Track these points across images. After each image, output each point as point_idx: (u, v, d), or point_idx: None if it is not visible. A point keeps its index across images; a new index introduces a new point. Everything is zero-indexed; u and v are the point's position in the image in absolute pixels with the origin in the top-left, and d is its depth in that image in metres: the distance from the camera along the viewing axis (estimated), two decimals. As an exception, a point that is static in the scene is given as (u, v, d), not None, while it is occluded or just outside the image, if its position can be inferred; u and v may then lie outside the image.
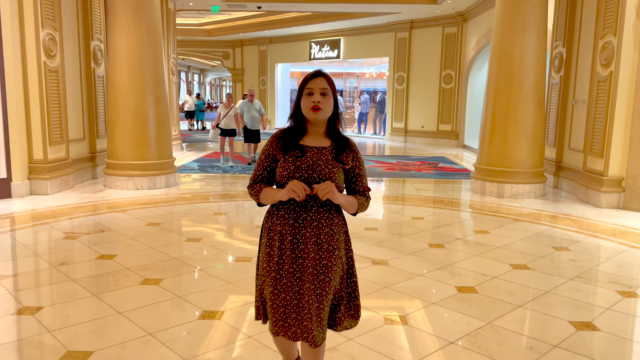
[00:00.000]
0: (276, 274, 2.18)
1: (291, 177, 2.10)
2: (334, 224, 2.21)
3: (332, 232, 2.20)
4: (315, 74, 2.17)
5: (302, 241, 2.16)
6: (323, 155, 2.15)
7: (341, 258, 2.24)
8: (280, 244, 2.17)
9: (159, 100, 8.11)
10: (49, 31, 7.35)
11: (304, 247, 2.16)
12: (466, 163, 11.80)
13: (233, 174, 9.88)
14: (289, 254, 2.16)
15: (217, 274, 4.33)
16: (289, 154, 2.15)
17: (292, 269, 2.16)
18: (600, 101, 7.28)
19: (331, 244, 2.19)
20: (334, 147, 2.19)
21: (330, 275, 2.18)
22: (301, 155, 2.13)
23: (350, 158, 2.20)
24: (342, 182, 2.19)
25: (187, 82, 31.28)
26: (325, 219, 2.18)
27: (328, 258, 2.18)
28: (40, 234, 5.55)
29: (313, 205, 2.15)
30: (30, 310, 3.51)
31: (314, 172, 2.12)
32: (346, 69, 23.90)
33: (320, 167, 2.13)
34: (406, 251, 5.03)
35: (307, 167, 2.12)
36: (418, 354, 3.00)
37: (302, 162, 2.12)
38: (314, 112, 2.11)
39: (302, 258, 2.16)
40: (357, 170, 2.23)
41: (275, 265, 2.18)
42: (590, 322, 3.46)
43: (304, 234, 2.15)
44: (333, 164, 2.15)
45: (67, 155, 7.97)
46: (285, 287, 2.17)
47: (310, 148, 2.16)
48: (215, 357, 2.93)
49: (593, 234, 5.78)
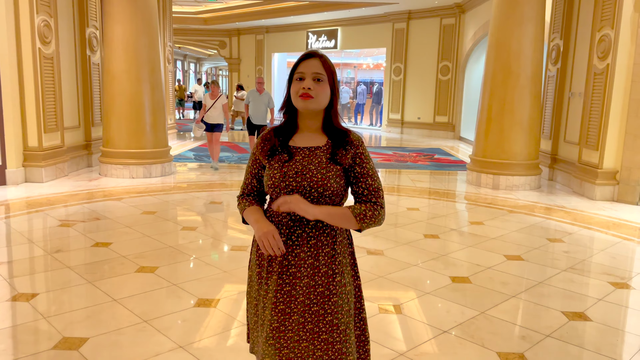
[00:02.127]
0: (258, 302, 1.80)
1: (276, 187, 1.70)
2: (337, 242, 1.75)
3: (335, 252, 1.74)
4: (308, 55, 1.74)
5: (293, 263, 1.71)
6: (316, 157, 1.73)
7: (345, 286, 1.75)
8: (268, 265, 1.75)
9: (154, 89, 8.07)
10: (44, 17, 7.28)
11: (295, 270, 1.71)
12: (462, 155, 11.82)
13: (230, 163, 9.85)
14: (275, 278, 1.73)
15: (212, 263, 4.34)
16: (274, 158, 1.74)
17: (275, 299, 1.72)
18: (596, 94, 7.29)
19: (331, 267, 1.73)
20: (330, 145, 1.75)
21: (326, 308, 1.71)
22: (289, 159, 1.73)
23: (350, 155, 1.73)
24: (342, 188, 1.73)
25: (183, 71, 31.09)
26: (326, 236, 1.73)
27: (326, 285, 1.71)
28: (35, 222, 5.54)
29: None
30: (25, 297, 3.51)
31: (303, 179, 1.69)
32: (343, 59, 23.84)
33: (311, 172, 1.69)
34: (401, 241, 5.05)
35: (294, 173, 1.70)
36: (412, 342, 3.02)
37: (290, 167, 1.71)
38: (303, 100, 1.70)
39: (289, 285, 1.71)
40: (357, 168, 1.73)
41: (263, 290, 1.78)
42: (583, 313, 3.49)
43: (297, 254, 1.71)
44: (328, 167, 1.71)
45: (62, 143, 7.93)
46: (265, 320, 1.75)
47: (300, 149, 1.75)
48: (210, 344, 2.95)
49: (587, 226, 5.82)
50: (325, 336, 1.71)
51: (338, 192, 1.71)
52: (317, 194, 1.69)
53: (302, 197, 1.67)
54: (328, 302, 1.71)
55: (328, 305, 1.71)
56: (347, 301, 1.75)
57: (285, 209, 1.65)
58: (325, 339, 1.71)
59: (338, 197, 1.73)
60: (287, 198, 1.64)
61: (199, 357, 2.78)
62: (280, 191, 1.70)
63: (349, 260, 1.80)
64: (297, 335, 1.71)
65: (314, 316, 1.71)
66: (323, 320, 1.71)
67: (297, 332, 1.71)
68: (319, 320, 1.71)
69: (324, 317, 1.71)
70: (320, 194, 1.69)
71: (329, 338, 1.71)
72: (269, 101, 9.36)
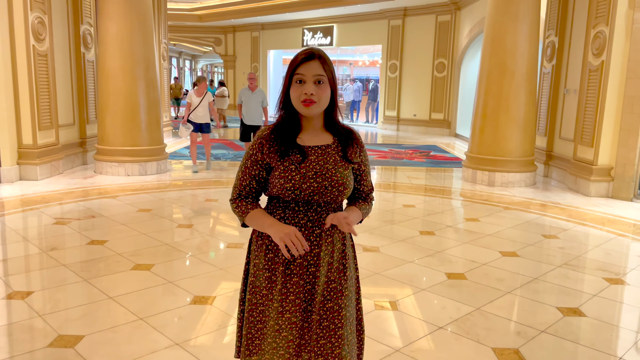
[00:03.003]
0: (279, 305, 1.72)
1: (297, 188, 1.66)
2: (346, 237, 1.82)
3: (344, 247, 1.79)
4: (308, 57, 1.69)
5: (313, 263, 1.72)
6: (329, 156, 1.73)
7: (351, 279, 1.82)
8: (285, 268, 1.72)
9: (149, 86, 8.04)
10: (38, 14, 7.24)
11: (314, 270, 1.72)
12: (458, 152, 11.84)
13: (226, 160, 9.84)
14: (296, 280, 1.71)
15: (208, 260, 4.34)
16: (287, 159, 1.69)
17: (298, 300, 1.71)
18: (591, 91, 7.32)
19: (342, 262, 1.77)
20: (338, 142, 1.77)
21: (340, 303, 1.74)
22: (303, 159, 1.70)
23: (357, 153, 1.79)
24: (353, 185, 1.78)
25: (178, 68, 30.99)
26: (338, 233, 1.77)
27: (338, 280, 1.75)
28: (30, 220, 5.51)
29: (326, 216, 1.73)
30: (20, 295, 3.50)
31: (324, 179, 1.68)
32: (339, 56, 23.81)
33: (330, 171, 1.70)
34: (397, 238, 5.06)
35: (314, 174, 1.68)
36: (408, 339, 3.03)
37: (307, 168, 1.68)
38: (305, 107, 1.68)
39: (310, 284, 1.72)
40: (362, 167, 1.81)
41: (278, 294, 1.72)
42: (577, 308, 3.51)
43: (317, 253, 1.72)
44: (343, 165, 1.73)
45: (57, 141, 7.90)
46: (288, 323, 1.72)
47: (312, 148, 1.72)
48: (206, 342, 2.95)
49: (582, 222, 5.84)
50: (341, 332, 1.73)
51: (351, 188, 1.76)
52: (337, 192, 1.71)
53: (343, 211, 1.74)
54: (341, 297, 1.74)
55: (342, 300, 1.74)
56: (351, 292, 1.80)
57: (347, 229, 1.66)
58: (342, 334, 1.72)
59: (350, 193, 1.77)
60: (338, 216, 1.66)
61: (195, 355, 2.78)
62: (301, 192, 1.67)
63: (352, 253, 1.85)
64: (315, 334, 1.72)
65: (329, 312, 1.72)
66: (338, 315, 1.72)
67: (315, 331, 1.72)
68: (334, 316, 1.72)
69: (338, 312, 1.73)
70: (340, 192, 1.71)
71: (344, 333, 1.74)
72: (263, 100, 8.57)
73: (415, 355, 2.84)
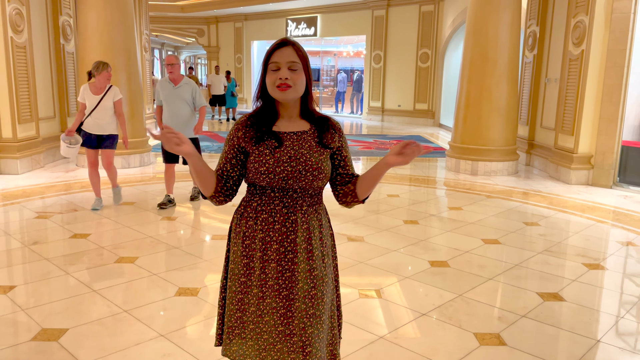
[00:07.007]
0: (258, 290, 1.74)
1: (270, 172, 1.69)
2: (323, 225, 1.83)
3: (322, 235, 1.81)
4: (281, 43, 1.72)
5: (290, 249, 1.73)
6: (305, 142, 1.75)
7: (330, 267, 1.84)
8: (263, 254, 1.74)
9: (131, 78, 7.95)
10: (15, 5, 7.10)
11: (292, 256, 1.73)
12: (442, 142, 11.92)
13: (210, 152, 9.79)
14: (274, 265, 1.73)
15: (193, 252, 4.33)
16: (262, 144, 1.72)
17: (277, 285, 1.73)
18: (571, 80, 7.41)
19: (321, 250, 1.79)
20: (314, 129, 1.79)
21: (323, 291, 1.76)
22: (279, 144, 1.72)
23: (336, 138, 1.82)
24: (330, 170, 1.80)
25: (160, 60, 30.60)
26: (316, 220, 1.79)
27: (320, 268, 1.77)
28: (11, 214, 5.44)
29: (303, 203, 1.75)
30: (2, 290, 3.47)
31: (298, 163, 1.71)
32: (323, 47, 23.70)
33: (304, 156, 1.72)
34: (381, 228, 5.10)
35: (287, 158, 1.71)
36: (392, 325, 3.07)
37: (282, 152, 1.71)
38: (280, 92, 1.70)
39: (289, 271, 1.73)
40: (343, 152, 1.84)
41: (257, 280, 1.74)
42: (557, 293, 3.59)
43: (293, 239, 1.73)
44: (319, 151, 1.76)
45: (38, 134, 7.79)
46: (269, 308, 1.73)
47: (288, 134, 1.75)
48: (192, 333, 2.96)
49: (562, 210, 5.94)
50: (326, 319, 1.79)
51: (328, 175, 1.78)
52: (312, 177, 1.73)
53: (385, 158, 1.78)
54: (323, 284, 1.77)
55: (324, 287, 1.77)
56: (331, 279, 1.84)
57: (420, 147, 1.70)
58: (324, 320, 1.78)
59: (327, 179, 1.79)
60: (409, 144, 1.70)
61: (181, 346, 2.79)
62: (275, 176, 1.70)
63: (330, 241, 1.88)
64: (302, 323, 1.73)
65: (313, 300, 1.74)
66: (321, 302, 1.76)
67: (302, 320, 1.73)
68: (319, 304, 1.75)
69: (322, 299, 1.76)
70: (315, 177, 1.73)
71: (327, 320, 1.81)
72: (192, 97, 5.61)
73: (399, 341, 2.88)
